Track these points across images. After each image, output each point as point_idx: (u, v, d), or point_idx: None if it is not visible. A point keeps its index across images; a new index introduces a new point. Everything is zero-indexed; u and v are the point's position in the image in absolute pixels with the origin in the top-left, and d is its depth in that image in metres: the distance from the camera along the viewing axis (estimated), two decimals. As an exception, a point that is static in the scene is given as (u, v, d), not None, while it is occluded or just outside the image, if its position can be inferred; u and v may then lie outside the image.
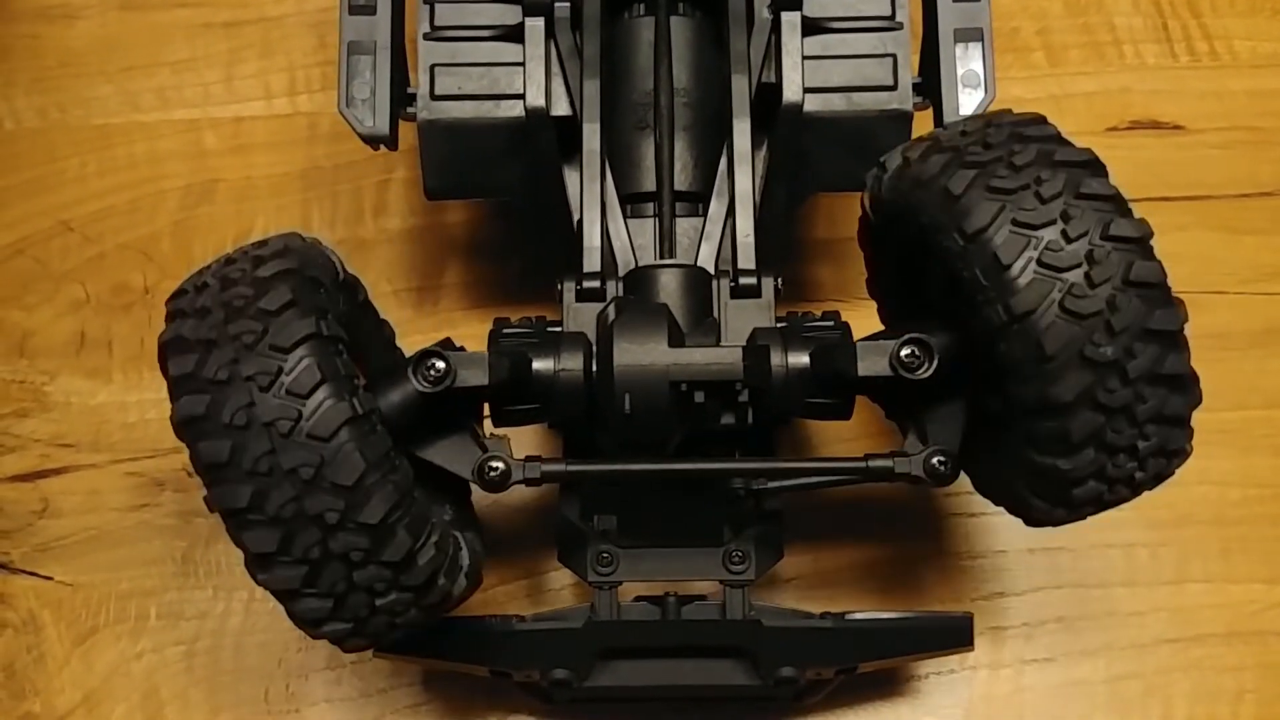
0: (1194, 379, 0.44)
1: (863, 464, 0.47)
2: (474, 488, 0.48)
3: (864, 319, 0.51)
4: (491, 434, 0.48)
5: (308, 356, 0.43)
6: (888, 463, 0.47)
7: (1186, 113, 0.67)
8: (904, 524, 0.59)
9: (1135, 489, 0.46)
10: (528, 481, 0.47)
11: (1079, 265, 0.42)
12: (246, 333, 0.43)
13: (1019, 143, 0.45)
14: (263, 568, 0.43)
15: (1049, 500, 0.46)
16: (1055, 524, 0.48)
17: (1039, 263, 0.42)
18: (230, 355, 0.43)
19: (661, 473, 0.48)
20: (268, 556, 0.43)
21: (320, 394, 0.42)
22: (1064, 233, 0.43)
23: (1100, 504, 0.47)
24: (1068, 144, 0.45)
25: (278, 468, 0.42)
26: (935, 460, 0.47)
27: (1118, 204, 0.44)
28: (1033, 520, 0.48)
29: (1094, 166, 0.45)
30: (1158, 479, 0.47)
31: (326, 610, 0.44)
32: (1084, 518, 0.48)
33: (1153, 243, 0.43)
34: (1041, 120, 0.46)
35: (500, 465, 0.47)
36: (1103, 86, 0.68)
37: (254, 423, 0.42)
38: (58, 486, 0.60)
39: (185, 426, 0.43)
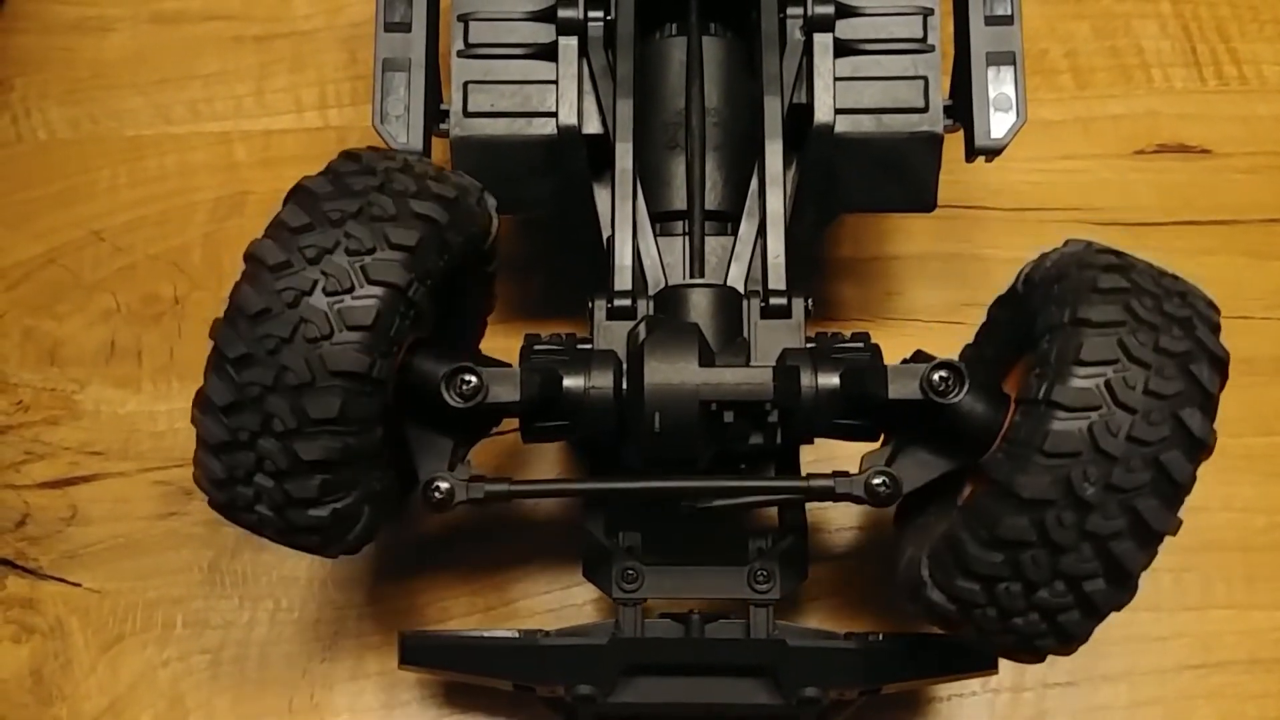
0: (1133, 585, 0.44)
1: (805, 484, 0.48)
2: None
3: (888, 338, 0.51)
4: (467, 459, 0.49)
5: (378, 301, 0.43)
6: (829, 483, 0.47)
7: (1214, 137, 0.67)
8: (928, 545, 0.59)
9: (1014, 640, 0.45)
10: (471, 502, 0.47)
11: (1134, 414, 0.42)
12: (358, 237, 0.44)
13: (1179, 300, 0.45)
14: (203, 409, 0.45)
15: (939, 589, 0.45)
16: (933, 621, 0.46)
17: (1108, 382, 0.42)
18: (331, 241, 0.44)
19: (612, 491, 0.49)
20: (213, 405, 0.44)
21: (356, 335, 0.43)
22: (1148, 383, 0.42)
23: (976, 629, 0.45)
24: (1215, 332, 0.44)
25: (278, 354, 0.43)
26: (875, 481, 0.47)
27: (1208, 403, 0.43)
28: (916, 607, 0.47)
29: (1220, 364, 0.44)
30: (1031, 648, 0.45)
31: (224, 479, 0.45)
32: (957, 638, 0.46)
33: (1204, 457, 0.43)
34: (1213, 304, 0.46)
35: (445, 486, 0.46)
36: (1130, 109, 0.68)
37: (296, 307, 0.43)
38: (86, 494, 0.61)
39: (254, 260, 0.44)
